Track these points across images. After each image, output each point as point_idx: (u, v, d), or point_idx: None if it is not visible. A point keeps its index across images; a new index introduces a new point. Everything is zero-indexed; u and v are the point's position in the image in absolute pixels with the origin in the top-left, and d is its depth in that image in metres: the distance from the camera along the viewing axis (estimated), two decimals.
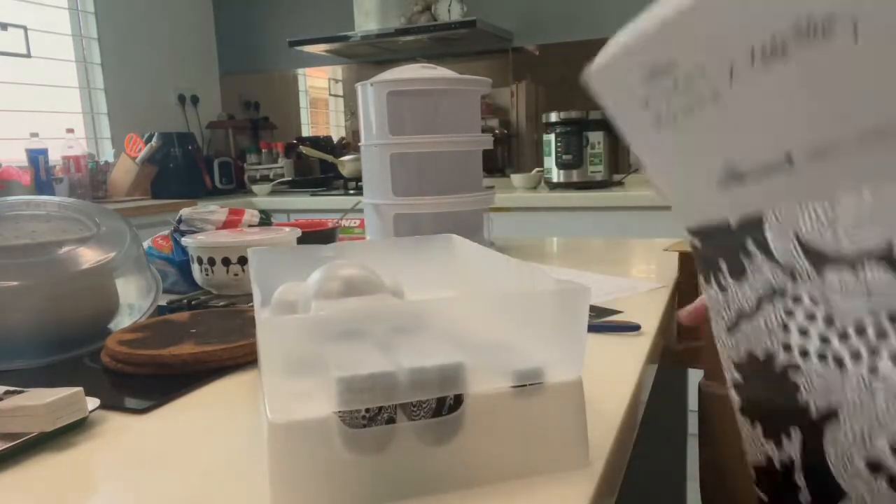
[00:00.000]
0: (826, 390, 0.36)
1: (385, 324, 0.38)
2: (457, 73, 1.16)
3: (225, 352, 0.61)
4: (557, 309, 0.40)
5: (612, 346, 0.66)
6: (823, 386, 0.37)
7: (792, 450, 0.40)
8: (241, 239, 0.88)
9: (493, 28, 2.76)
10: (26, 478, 0.43)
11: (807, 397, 0.38)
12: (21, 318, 0.67)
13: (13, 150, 2.61)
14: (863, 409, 0.34)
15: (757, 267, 0.38)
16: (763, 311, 0.39)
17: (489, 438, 0.39)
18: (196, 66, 3.44)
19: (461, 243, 0.64)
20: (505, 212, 2.38)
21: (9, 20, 2.62)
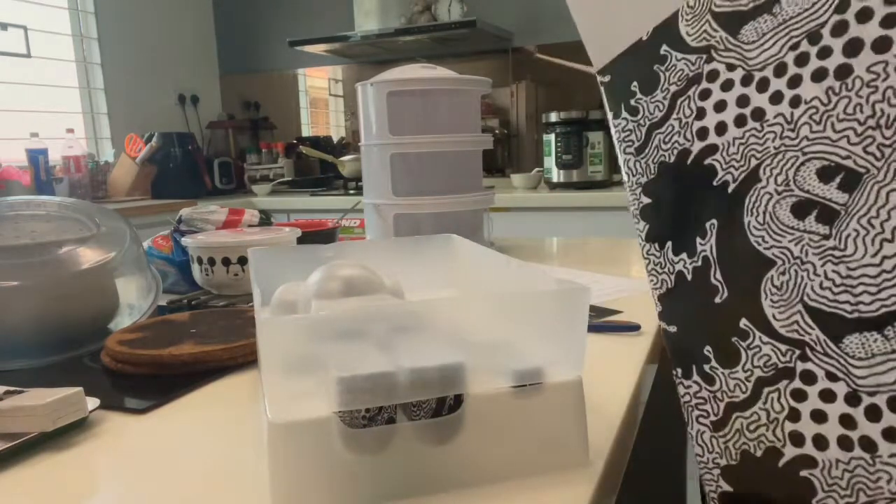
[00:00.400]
0: (744, 155, 0.37)
1: (385, 324, 0.38)
2: (457, 73, 1.16)
3: (225, 352, 0.61)
4: (557, 309, 0.40)
5: (612, 346, 0.66)
6: (742, 152, 0.37)
7: (707, 248, 0.39)
8: (241, 239, 0.88)
9: (493, 28, 2.76)
10: (26, 478, 0.43)
11: (724, 175, 0.38)
12: (21, 318, 0.67)
13: (13, 150, 2.61)
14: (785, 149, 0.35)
15: (671, 66, 0.40)
16: (676, 109, 0.40)
17: (489, 438, 0.39)
18: (196, 66, 3.44)
19: (461, 243, 0.64)
20: (505, 212, 2.38)
21: (9, 20, 2.62)
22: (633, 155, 0.43)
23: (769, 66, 0.36)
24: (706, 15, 0.38)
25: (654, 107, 0.42)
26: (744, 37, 0.37)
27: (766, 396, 0.37)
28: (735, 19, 0.37)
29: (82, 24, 2.95)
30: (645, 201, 0.43)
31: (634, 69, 0.42)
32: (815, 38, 0.34)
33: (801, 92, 0.35)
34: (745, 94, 0.37)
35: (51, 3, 2.84)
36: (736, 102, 0.38)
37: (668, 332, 0.42)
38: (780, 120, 0.36)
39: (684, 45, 0.40)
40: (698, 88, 0.39)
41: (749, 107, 0.37)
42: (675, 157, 0.41)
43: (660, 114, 0.41)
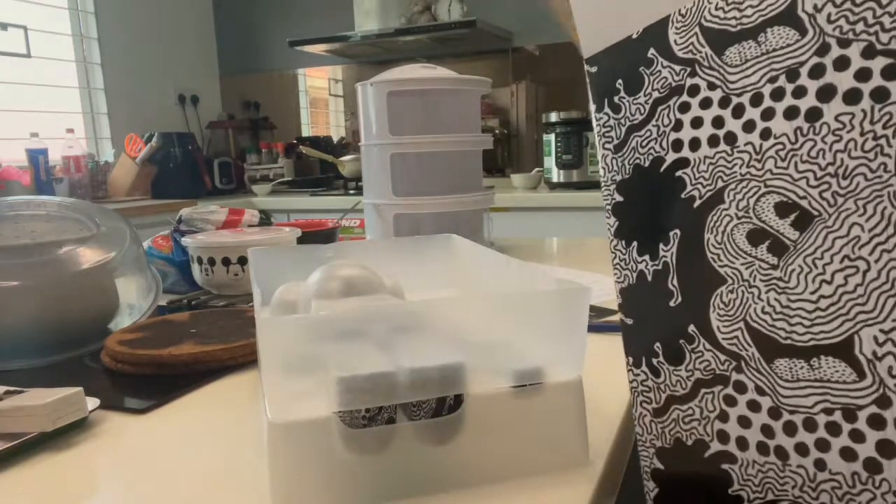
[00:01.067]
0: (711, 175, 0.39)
1: (385, 324, 0.38)
2: (457, 73, 1.16)
3: (225, 352, 0.61)
4: (557, 309, 0.40)
5: (612, 346, 0.66)
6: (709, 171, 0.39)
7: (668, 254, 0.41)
8: (241, 239, 0.88)
9: (493, 28, 2.76)
10: (26, 478, 0.43)
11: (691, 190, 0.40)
12: (21, 318, 0.67)
13: (13, 150, 2.61)
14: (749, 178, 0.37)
15: (656, 71, 0.41)
16: (655, 116, 0.41)
17: (489, 438, 0.39)
18: (196, 66, 3.44)
19: (461, 243, 0.64)
20: (505, 212, 2.38)
21: (9, 20, 2.62)
22: (611, 152, 0.44)
23: (746, 94, 0.37)
24: (695, 27, 0.39)
25: (636, 109, 0.43)
26: (728, 58, 0.38)
27: (702, 396, 0.40)
28: (722, 38, 0.38)
29: (82, 24, 2.95)
30: (618, 199, 0.44)
31: (621, 66, 0.43)
32: (794, 75, 0.35)
33: (772, 126, 0.36)
34: (720, 115, 0.38)
35: (51, 3, 2.84)
36: (711, 122, 0.39)
37: (625, 322, 0.44)
38: (749, 148, 0.37)
39: (671, 53, 0.40)
40: (679, 100, 0.40)
41: (723, 129, 0.38)
42: (650, 163, 0.42)
43: (640, 117, 0.42)
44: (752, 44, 0.36)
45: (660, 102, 0.41)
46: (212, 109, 3.49)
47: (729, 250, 0.38)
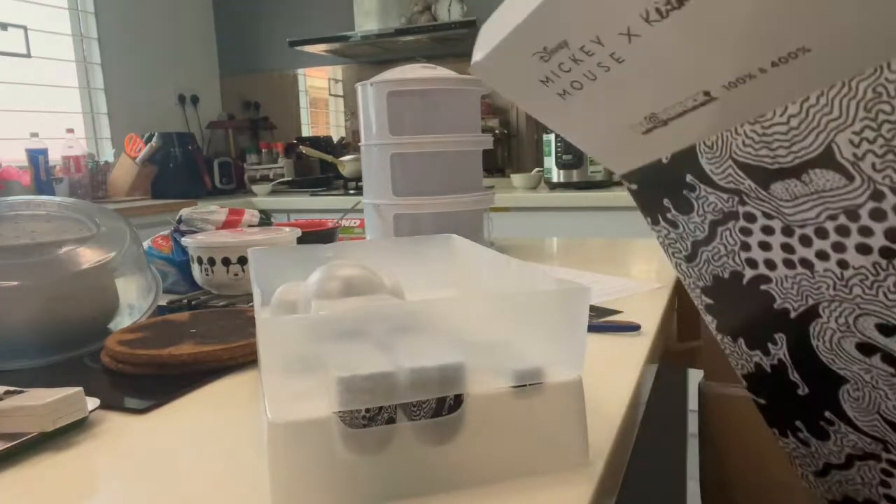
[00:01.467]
0: (799, 292, 0.38)
1: (385, 324, 0.38)
2: (457, 73, 1.16)
3: (225, 352, 0.61)
4: (557, 309, 0.40)
5: (612, 346, 0.66)
6: (796, 289, 0.38)
7: (780, 353, 0.41)
8: (241, 239, 0.88)
9: None
10: (26, 478, 0.43)
11: (782, 303, 0.39)
12: (21, 318, 0.67)
13: (13, 150, 2.61)
14: (840, 299, 0.36)
15: (702, 196, 0.39)
16: (718, 236, 0.40)
17: (489, 438, 0.39)
18: (196, 66, 3.44)
19: (461, 243, 0.64)
20: (505, 212, 2.38)
21: (9, 20, 2.62)
22: (683, 261, 0.44)
23: (809, 227, 0.36)
24: (728, 160, 0.37)
25: (695, 226, 0.41)
26: (775, 192, 0.36)
27: (858, 467, 0.41)
28: (761, 173, 0.36)
29: (82, 24, 2.95)
30: (708, 301, 0.44)
31: (661, 186, 0.41)
32: (854, 216, 0.34)
33: (847, 258, 0.35)
34: (788, 243, 0.37)
35: (51, 3, 2.84)
36: (781, 247, 0.38)
37: (758, 402, 0.45)
38: (829, 275, 0.36)
39: (711, 181, 0.39)
40: (738, 224, 0.39)
41: (796, 255, 0.37)
42: (729, 275, 0.41)
43: (702, 235, 0.41)
44: (798, 182, 0.35)
45: (718, 224, 0.40)
46: (212, 109, 3.49)
47: (842, 356, 0.38)
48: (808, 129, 0.33)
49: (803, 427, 0.42)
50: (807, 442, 0.42)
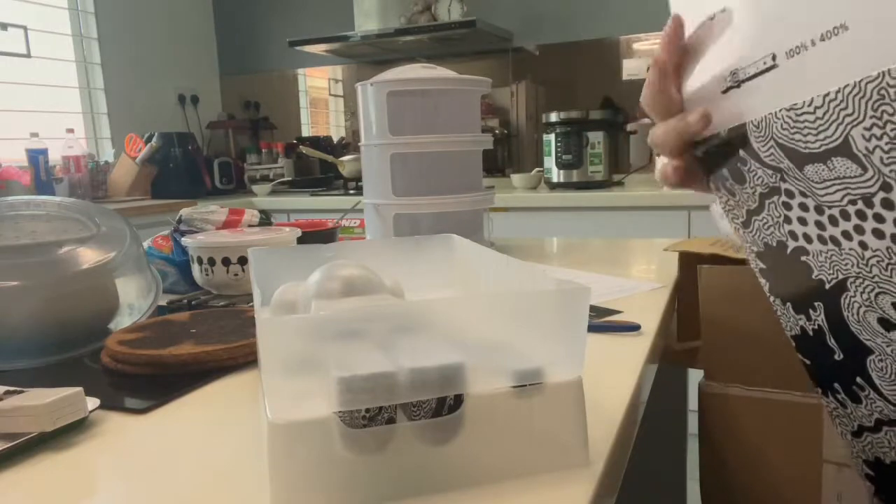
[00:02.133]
0: (831, 266, 0.41)
1: (385, 324, 0.38)
2: (457, 73, 1.16)
3: (225, 352, 0.61)
4: (557, 309, 0.40)
5: (612, 346, 0.66)
6: (829, 263, 0.41)
7: (819, 319, 0.44)
8: (241, 239, 0.88)
9: (493, 28, 2.76)
10: (26, 478, 0.43)
11: (818, 274, 0.43)
12: (21, 318, 0.67)
13: (13, 150, 2.61)
14: (864, 276, 0.39)
15: (752, 170, 0.43)
16: (765, 208, 0.44)
17: (489, 438, 0.39)
18: (196, 66, 3.44)
19: (461, 243, 0.64)
20: (505, 212, 2.38)
21: (9, 20, 2.62)
22: (740, 227, 0.48)
23: (836, 208, 0.39)
24: (771, 141, 0.41)
25: (747, 196, 0.45)
26: (808, 174, 0.39)
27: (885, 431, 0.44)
28: (797, 156, 0.39)
29: (82, 24, 2.95)
30: (761, 265, 0.48)
31: (722, 157, 0.45)
32: (869, 203, 0.37)
33: (866, 240, 0.38)
34: (820, 220, 0.41)
35: (51, 3, 2.84)
36: (815, 224, 0.41)
37: (804, 362, 0.48)
38: (853, 254, 0.39)
39: (759, 158, 0.42)
40: (781, 199, 0.43)
41: (826, 232, 0.41)
42: (776, 244, 0.45)
43: (754, 205, 0.45)
44: (824, 167, 0.38)
45: (766, 196, 0.44)
46: (212, 109, 3.49)
47: (867, 329, 0.41)
48: (829, 121, 0.36)
49: (840, 389, 0.45)
50: (844, 403, 0.45)
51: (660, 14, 2.71)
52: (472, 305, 0.40)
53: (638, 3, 2.74)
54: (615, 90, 2.80)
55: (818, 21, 0.35)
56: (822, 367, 0.46)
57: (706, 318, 0.84)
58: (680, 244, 1.02)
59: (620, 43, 2.78)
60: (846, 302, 0.41)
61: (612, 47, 2.79)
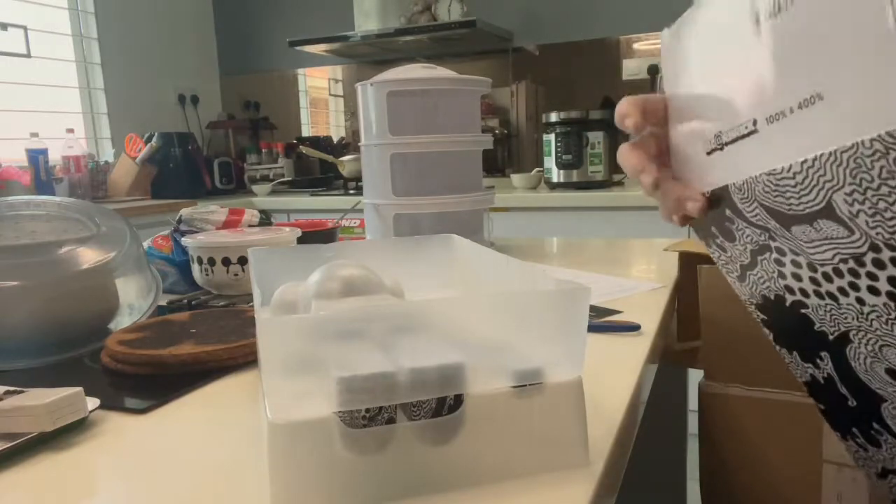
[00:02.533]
0: (832, 319, 0.41)
1: (385, 324, 0.38)
2: (457, 73, 1.16)
3: (225, 352, 0.61)
4: (557, 309, 0.40)
5: (612, 346, 0.66)
6: (829, 316, 0.41)
7: (828, 368, 0.44)
8: (241, 239, 0.88)
9: (493, 28, 2.75)
10: (26, 478, 0.43)
11: (820, 326, 0.43)
12: (21, 318, 0.67)
13: (13, 150, 2.61)
14: (865, 329, 0.39)
15: (740, 228, 0.43)
16: (758, 264, 0.44)
17: (489, 438, 0.39)
18: (196, 66, 3.44)
19: (461, 243, 0.64)
20: (505, 212, 2.38)
21: (9, 20, 2.62)
22: (737, 280, 0.48)
23: (828, 266, 0.39)
24: (755, 202, 0.40)
25: (739, 253, 0.45)
26: (796, 233, 0.39)
27: None
28: (782, 217, 0.39)
29: (82, 24, 2.95)
30: (763, 317, 0.47)
31: (709, 216, 0.45)
32: (861, 263, 0.36)
33: (862, 296, 0.38)
34: (814, 277, 0.40)
35: (51, 3, 2.84)
36: (809, 280, 0.41)
37: (819, 407, 0.48)
38: (852, 309, 0.39)
39: (746, 218, 0.42)
40: (772, 256, 0.42)
41: (822, 288, 0.40)
42: (774, 297, 0.45)
43: (747, 261, 0.45)
44: (811, 228, 0.38)
45: (757, 253, 0.43)
46: (212, 109, 3.49)
47: (877, 378, 0.41)
48: (810, 186, 0.36)
49: (859, 434, 0.45)
50: (864, 447, 0.45)
51: (660, 14, 2.71)
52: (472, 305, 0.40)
53: (638, 3, 2.74)
54: (615, 90, 2.80)
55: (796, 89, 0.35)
56: (838, 413, 0.46)
57: (706, 318, 0.84)
58: (680, 244, 1.02)
59: (620, 43, 2.78)
60: (852, 353, 0.41)
61: (612, 47, 2.79)
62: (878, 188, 0.32)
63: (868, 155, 0.31)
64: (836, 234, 0.36)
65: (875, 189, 0.32)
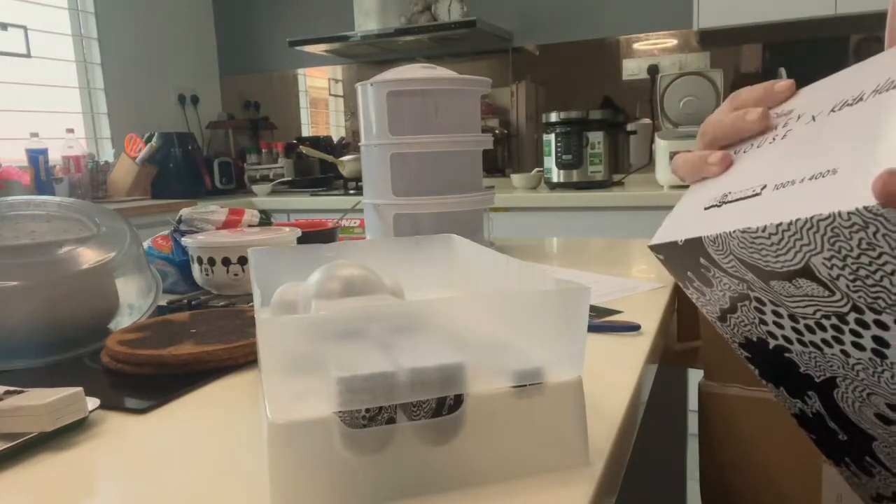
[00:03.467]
0: (817, 366, 0.41)
1: (385, 324, 0.38)
2: (457, 73, 1.16)
3: (225, 352, 0.61)
4: (557, 309, 0.40)
5: (612, 346, 0.66)
6: (813, 363, 0.41)
7: (816, 405, 0.44)
8: (241, 239, 0.88)
9: (493, 28, 2.76)
10: (26, 478, 0.43)
11: (806, 370, 0.42)
12: (21, 318, 0.67)
13: (13, 150, 2.61)
14: (851, 378, 0.39)
15: (717, 277, 0.43)
16: (738, 309, 0.43)
17: (489, 438, 0.39)
18: (196, 66, 3.44)
19: (461, 243, 0.64)
20: (505, 212, 2.38)
21: (9, 20, 2.62)
22: (717, 321, 0.47)
23: (810, 320, 0.38)
24: (731, 255, 0.40)
25: (718, 298, 0.45)
26: (775, 288, 0.39)
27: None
28: (759, 272, 0.39)
29: (82, 24, 2.95)
30: (746, 354, 0.47)
31: (684, 263, 0.45)
32: (843, 321, 0.36)
33: (846, 349, 0.38)
34: (796, 327, 0.40)
35: (51, 3, 2.84)
36: (792, 330, 0.41)
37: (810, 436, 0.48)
38: (836, 359, 0.39)
39: (722, 268, 0.41)
40: (752, 304, 0.42)
41: (805, 337, 0.40)
42: (757, 339, 0.44)
43: (726, 305, 0.44)
44: (790, 285, 0.37)
45: (737, 300, 0.43)
46: (212, 109, 3.49)
47: (866, 420, 0.40)
48: (787, 247, 0.35)
49: (851, 463, 0.45)
50: (857, 475, 0.45)
51: (660, 14, 2.71)
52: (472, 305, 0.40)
53: (638, 3, 2.74)
54: (615, 90, 2.80)
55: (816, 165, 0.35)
56: (829, 445, 0.46)
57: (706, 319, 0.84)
58: None
59: (620, 43, 2.78)
60: (839, 395, 0.41)
61: (612, 47, 2.79)
62: (857, 257, 0.32)
63: (846, 227, 0.31)
64: (816, 293, 0.36)
65: (855, 258, 0.32)
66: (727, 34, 2.53)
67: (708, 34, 2.52)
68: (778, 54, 2.57)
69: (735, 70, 2.63)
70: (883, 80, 0.36)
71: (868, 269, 0.32)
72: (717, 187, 0.43)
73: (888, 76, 0.36)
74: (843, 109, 0.37)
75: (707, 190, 0.45)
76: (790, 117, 0.42)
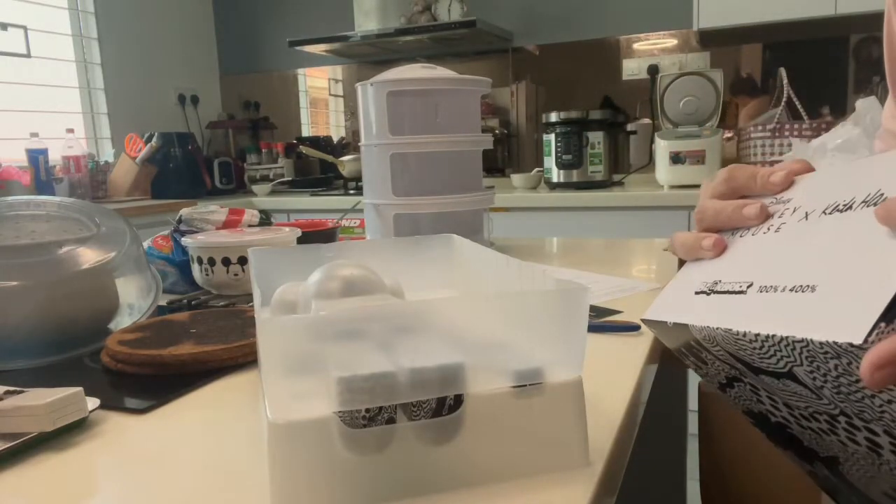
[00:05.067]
0: (819, 445, 0.41)
1: (385, 324, 0.38)
2: (457, 73, 1.16)
3: (225, 352, 0.61)
4: (557, 309, 0.40)
5: (612, 346, 0.66)
6: (815, 443, 0.41)
7: (825, 472, 0.44)
8: (241, 239, 0.88)
9: (493, 28, 2.76)
10: (26, 478, 0.43)
11: (809, 444, 0.43)
12: (21, 318, 0.67)
13: (13, 150, 2.61)
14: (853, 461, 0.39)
15: (710, 360, 0.43)
16: (735, 387, 0.44)
17: (489, 438, 0.39)
18: (196, 66, 3.44)
19: (461, 243, 0.64)
20: (505, 212, 2.38)
21: (9, 20, 2.62)
22: (719, 390, 0.48)
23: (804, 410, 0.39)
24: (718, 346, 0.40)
25: (715, 374, 0.45)
26: (766, 381, 0.39)
27: None
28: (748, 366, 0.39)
29: (82, 24, 2.95)
30: (751, 421, 0.48)
31: (677, 341, 0.45)
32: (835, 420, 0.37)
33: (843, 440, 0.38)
34: (792, 414, 0.40)
35: (51, 3, 2.84)
36: (788, 415, 0.41)
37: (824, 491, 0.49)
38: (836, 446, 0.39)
39: (712, 353, 0.42)
40: (747, 386, 0.42)
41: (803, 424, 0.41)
42: (758, 413, 0.45)
43: (724, 382, 0.45)
44: (778, 382, 0.38)
45: (733, 379, 0.43)
46: (212, 109, 3.49)
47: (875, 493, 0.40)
48: (769, 354, 0.36)
49: None
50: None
51: (659, 14, 2.71)
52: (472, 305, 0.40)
53: (638, 3, 2.74)
54: (615, 90, 2.81)
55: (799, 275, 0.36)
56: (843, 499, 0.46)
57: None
58: None
59: (620, 43, 2.78)
60: (844, 470, 0.41)
61: (612, 47, 2.80)
62: (836, 378, 0.32)
63: (821, 353, 0.31)
64: (805, 394, 0.36)
65: (834, 378, 0.32)
66: (727, 34, 2.53)
67: (708, 34, 2.51)
68: (778, 54, 2.57)
69: (735, 70, 2.63)
70: (873, 190, 0.37)
71: (849, 389, 0.32)
72: (710, 271, 0.44)
73: (878, 187, 0.37)
74: (833, 214, 0.38)
75: (701, 271, 0.46)
76: (787, 207, 0.43)
